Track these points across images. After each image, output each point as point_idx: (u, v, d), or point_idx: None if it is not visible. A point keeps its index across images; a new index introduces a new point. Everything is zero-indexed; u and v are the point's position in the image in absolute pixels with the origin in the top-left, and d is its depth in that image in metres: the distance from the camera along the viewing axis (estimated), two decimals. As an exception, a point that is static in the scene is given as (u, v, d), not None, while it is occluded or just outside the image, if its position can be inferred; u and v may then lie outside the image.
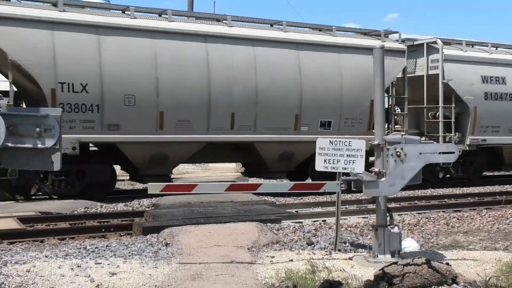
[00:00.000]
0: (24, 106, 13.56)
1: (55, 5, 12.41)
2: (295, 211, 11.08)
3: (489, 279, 5.62)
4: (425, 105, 16.60)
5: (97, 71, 12.21)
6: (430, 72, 16.59)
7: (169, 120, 12.91)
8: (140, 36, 12.77)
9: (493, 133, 17.02)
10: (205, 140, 13.48)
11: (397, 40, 16.32)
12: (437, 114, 16.42)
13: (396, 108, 16.89)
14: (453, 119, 16.36)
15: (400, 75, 16.21)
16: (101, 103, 12.25)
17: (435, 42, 16.61)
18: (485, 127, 16.86)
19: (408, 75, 16.49)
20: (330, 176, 6.96)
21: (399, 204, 12.20)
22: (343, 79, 14.81)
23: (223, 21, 14.14)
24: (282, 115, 14.12)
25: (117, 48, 12.51)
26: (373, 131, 6.98)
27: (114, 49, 12.47)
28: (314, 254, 6.95)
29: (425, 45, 16.75)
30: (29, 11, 11.93)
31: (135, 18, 13.03)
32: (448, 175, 17.83)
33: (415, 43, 17.06)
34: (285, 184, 7.13)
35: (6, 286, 5.37)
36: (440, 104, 16.24)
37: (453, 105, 16.36)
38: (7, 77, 12.12)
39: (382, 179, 6.39)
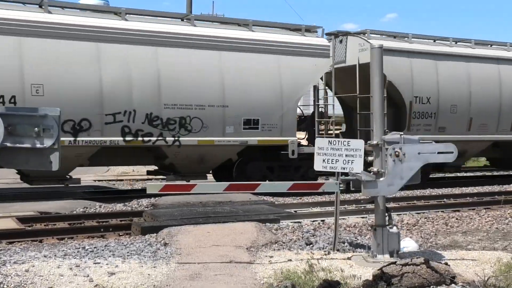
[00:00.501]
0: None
1: None
2: (294, 211, 11.08)
3: (487, 279, 5.62)
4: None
5: None
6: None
7: None
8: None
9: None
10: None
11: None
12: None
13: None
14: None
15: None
16: None
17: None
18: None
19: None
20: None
21: (398, 204, 12.21)
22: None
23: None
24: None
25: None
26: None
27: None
28: (313, 254, 6.95)
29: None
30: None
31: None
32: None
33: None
34: (284, 184, 7.12)
35: (5, 286, 5.36)
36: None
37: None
38: None
39: (381, 179, 6.39)
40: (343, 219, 9.99)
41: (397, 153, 6.29)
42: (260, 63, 13.77)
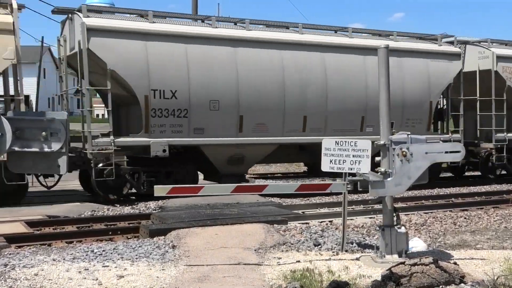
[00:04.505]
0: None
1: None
2: (302, 212, 11.06)
3: (497, 278, 5.59)
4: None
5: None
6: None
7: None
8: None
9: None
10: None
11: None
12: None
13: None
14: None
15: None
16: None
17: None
18: None
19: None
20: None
21: (406, 204, 12.17)
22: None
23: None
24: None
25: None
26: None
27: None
28: (321, 255, 6.95)
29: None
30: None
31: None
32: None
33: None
34: (291, 185, 7.11)
35: (14, 290, 5.39)
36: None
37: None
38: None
39: (388, 179, 6.38)
40: (351, 219, 9.97)
41: (404, 153, 6.28)
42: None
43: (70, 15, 13.15)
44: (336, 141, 6.77)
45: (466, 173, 19.34)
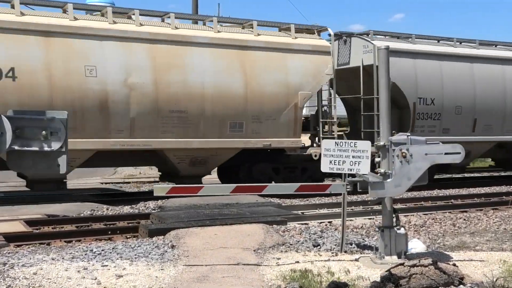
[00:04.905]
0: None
1: None
2: (301, 213, 11.06)
3: (496, 280, 5.60)
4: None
5: None
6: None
7: None
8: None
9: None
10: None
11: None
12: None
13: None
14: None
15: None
16: None
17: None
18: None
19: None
20: None
21: (405, 205, 12.17)
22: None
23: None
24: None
25: None
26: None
27: None
28: (320, 255, 6.95)
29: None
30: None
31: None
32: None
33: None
34: (291, 186, 7.11)
35: (13, 289, 5.39)
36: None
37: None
38: None
39: (388, 180, 6.38)
40: (350, 220, 9.97)
41: (404, 154, 6.28)
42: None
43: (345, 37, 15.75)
44: (335, 142, 6.77)
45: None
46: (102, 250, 7.11)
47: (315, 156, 14.10)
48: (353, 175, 6.77)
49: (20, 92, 11.34)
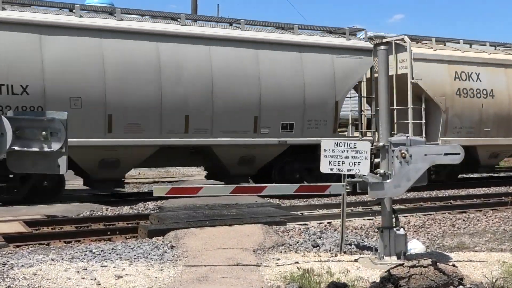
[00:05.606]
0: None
1: None
2: (300, 213, 11.07)
3: (495, 281, 5.61)
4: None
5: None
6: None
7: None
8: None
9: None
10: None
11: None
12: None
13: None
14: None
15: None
16: None
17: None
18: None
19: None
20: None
21: (405, 206, 12.18)
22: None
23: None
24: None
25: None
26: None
27: None
28: (320, 256, 6.95)
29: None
30: None
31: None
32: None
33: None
34: (290, 186, 7.12)
35: (13, 289, 5.39)
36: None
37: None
38: None
39: (387, 180, 6.38)
40: (349, 221, 9.98)
41: (403, 154, 6.29)
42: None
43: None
44: (335, 143, 6.78)
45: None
46: (102, 250, 7.11)
47: None
48: (353, 176, 6.77)
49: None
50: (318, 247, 7.47)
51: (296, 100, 14.13)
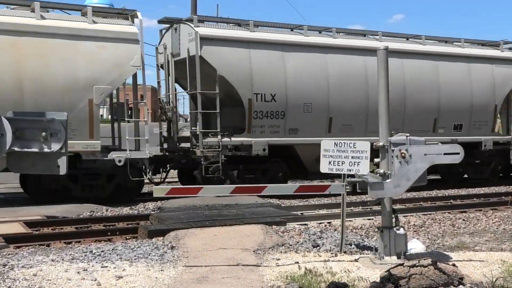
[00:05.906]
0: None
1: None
2: (300, 213, 11.07)
3: (495, 280, 5.61)
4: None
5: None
6: None
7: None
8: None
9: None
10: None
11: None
12: None
13: None
14: None
15: None
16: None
17: None
18: None
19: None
20: None
21: (405, 205, 12.18)
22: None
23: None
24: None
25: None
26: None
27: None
28: (320, 256, 6.95)
29: None
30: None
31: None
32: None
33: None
34: (290, 186, 7.13)
35: (13, 290, 5.39)
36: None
37: None
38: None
39: (387, 180, 6.38)
40: (349, 221, 9.97)
41: (403, 154, 6.29)
42: None
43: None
44: (335, 143, 6.78)
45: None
46: (102, 251, 7.11)
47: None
48: (353, 176, 6.77)
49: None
50: (318, 247, 7.47)
51: (465, 104, 16.85)
